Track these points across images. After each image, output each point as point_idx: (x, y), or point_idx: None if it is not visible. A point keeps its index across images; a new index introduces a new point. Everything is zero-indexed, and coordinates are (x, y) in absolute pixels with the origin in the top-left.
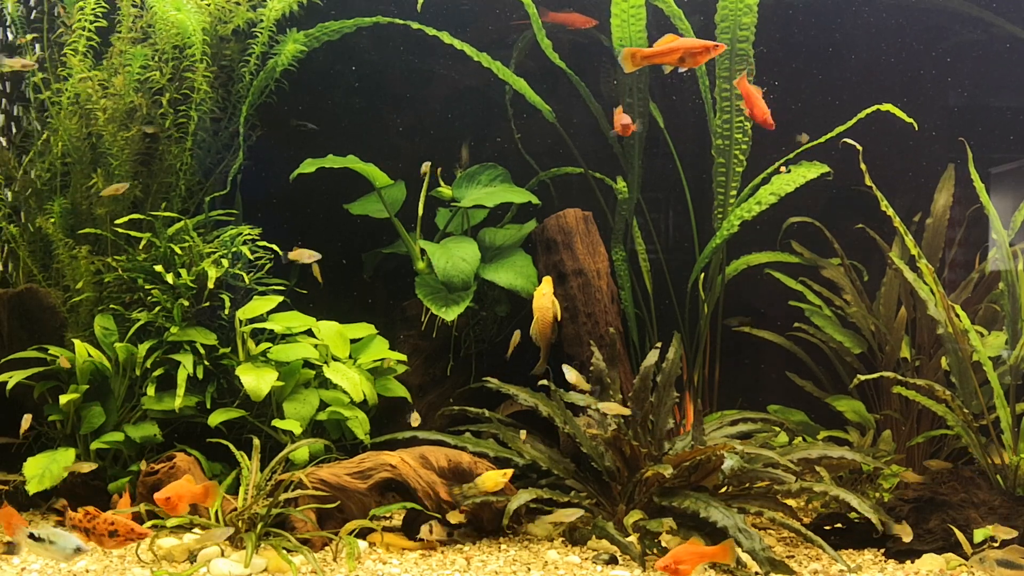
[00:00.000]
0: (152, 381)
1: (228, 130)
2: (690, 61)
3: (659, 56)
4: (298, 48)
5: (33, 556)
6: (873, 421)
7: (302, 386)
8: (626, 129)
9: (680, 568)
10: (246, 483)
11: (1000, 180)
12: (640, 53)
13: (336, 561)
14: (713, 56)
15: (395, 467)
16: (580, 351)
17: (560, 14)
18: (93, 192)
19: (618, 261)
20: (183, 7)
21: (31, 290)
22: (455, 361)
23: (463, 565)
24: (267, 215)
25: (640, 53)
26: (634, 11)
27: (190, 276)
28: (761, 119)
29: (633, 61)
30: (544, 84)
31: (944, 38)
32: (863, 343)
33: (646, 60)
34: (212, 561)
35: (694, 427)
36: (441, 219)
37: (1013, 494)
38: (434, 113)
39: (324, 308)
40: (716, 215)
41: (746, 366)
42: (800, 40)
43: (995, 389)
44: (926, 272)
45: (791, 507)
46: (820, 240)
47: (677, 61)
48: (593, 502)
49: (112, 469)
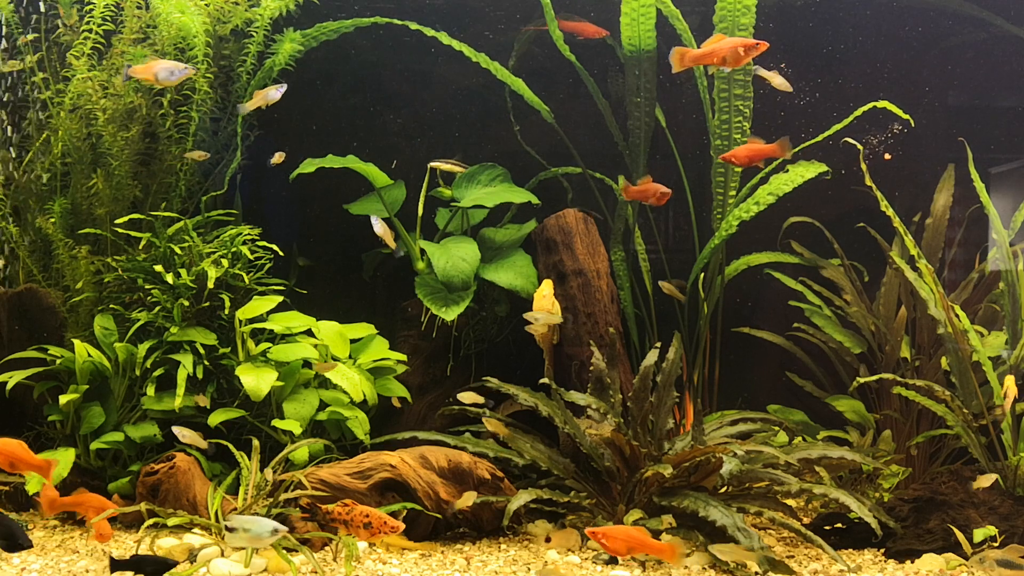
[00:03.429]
0: (152, 381)
1: (227, 130)
2: (732, 61)
3: (707, 57)
4: (295, 48)
5: (33, 556)
6: (873, 421)
7: (302, 386)
8: (662, 197)
9: (609, 543)
10: (246, 483)
11: (1000, 180)
12: (689, 54)
13: (336, 561)
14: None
15: (395, 467)
16: (580, 351)
17: (572, 23)
18: (93, 192)
19: (618, 261)
20: (186, 9)
21: (31, 290)
22: (455, 361)
23: (463, 565)
24: (267, 215)
25: (689, 54)
26: (644, 10)
27: (190, 276)
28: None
29: (681, 62)
30: (542, 84)
31: (944, 38)
32: (863, 343)
33: (695, 61)
34: (212, 561)
35: (694, 427)
36: (441, 219)
37: (1013, 494)
38: (434, 113)
39: (324, 308)
40: (715, 215)
41: (746, 366)
42: (799, 40)
43: (995, 389)
44: (926, 272)
45: (791, 507)
46: (821, 240)
47: (720, 61)
48: (593, 502)
49: (112, 469)
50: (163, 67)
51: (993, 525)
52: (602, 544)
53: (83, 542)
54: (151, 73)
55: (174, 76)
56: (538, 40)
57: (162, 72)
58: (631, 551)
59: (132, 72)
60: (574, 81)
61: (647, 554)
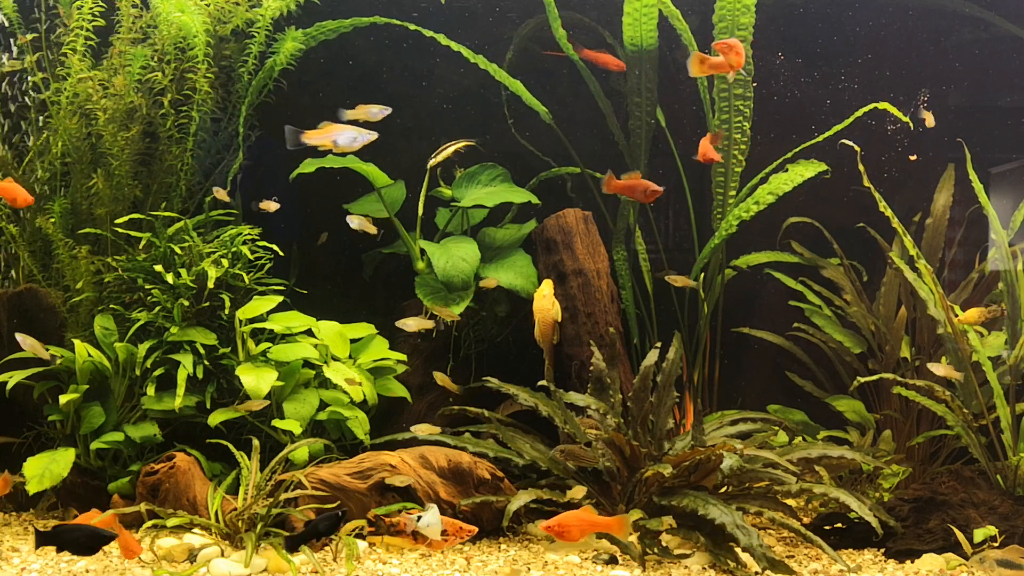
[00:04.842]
0: (152, 381)
1: (228, 130)
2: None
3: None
4: (296, 47)
5: (33, 556)
6: (873, 421)
7: (302, 386)
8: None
9: (563, 532)
10: (246, 483)
11: (1000, 180)
12: (709, 61)
13: (336, 561)
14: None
15: (395, 467)
16: (580, 351)
17: (593, 52)
18: (93, 192)
19: (618, 261)
20: (186, 9)
21: (31, 290)
22: (455, 361)
23: (463, 565)
24: (267, 215)
25: (709, 61)
26: (647, 10)
27: (190, 276)
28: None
29: (701, 68)
30: (542, 84)
31: (944, 38)
32: (863, 343)
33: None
34: (212, 561)
35: (694, 427)
36: (441, 219)
37: (1013, 494)
38: (434, 113)
39: (324, 308)
40: (715, 215)
41: (746, 366)
42: (799, 40)
43: (995, 389)
44: (925, 272)
45: (791, 507)
46: (821, 240)
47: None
48: (593, 502)
49: (112, 469)
50: (344, 134)
51: (993, 525)
52: (559, 535)
53: None
54: (329, 140)
55: (356, 142)
56: (538, 40)
57: (342, 138)
58: (583, 533)
59: (306, 138)
60: (575, 80)
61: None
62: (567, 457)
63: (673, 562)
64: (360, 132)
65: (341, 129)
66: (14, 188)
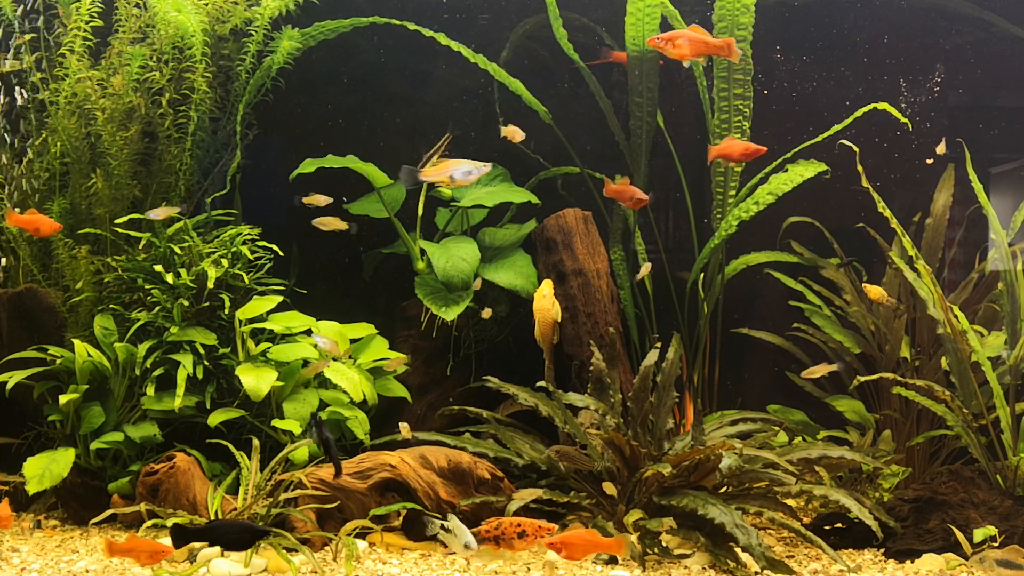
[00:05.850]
0: (152, 381)
1: (226, 129)
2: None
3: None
4: (294, 45)
5: (33, 556)
6: (873, 421)
7: (302, 386)
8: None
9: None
10: (246, 483)
11: (1000, 180)
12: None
13: (336, 561)
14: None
15: (395, 467)
16: (580, 351)
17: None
18: (92, 192)
19: (617, 261)
20: (184, 8)
21: (31, 290)
22: (455, 361)
23: (463, 565)
24: (267, 215)
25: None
26: (649, 10)
27: (190, 276)
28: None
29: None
30: (542, 84)
31: (944, 38)
32: (863, 343)
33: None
34: (212, 561)
35: (694, 427)
36: (441, 219)
37: (1013, 494)
38: (434, 113)
39: (324, 308)
40: (715, 215)
41: (746, 366)
42: (798, 39)
43: (995, 389)
44: (924, 272)
45: (791, 507)
46: (821, 240)
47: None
48: (593, 502)
49: (112, 469)
50: (460, 168)
51: (993, 525)
52: (564, 555)
53: (83, 542)
54: (446, 175)
55: (471, 176)
56: (539, 40)
57: (458, 173)
58: (585, 553)
59: (424, 176)
60: (575, 80)
61: (600, 551)
62: (562, 458)
63: (673, 562)
64: (476, 165)
65: (457, 164)
66: (38, 219)
